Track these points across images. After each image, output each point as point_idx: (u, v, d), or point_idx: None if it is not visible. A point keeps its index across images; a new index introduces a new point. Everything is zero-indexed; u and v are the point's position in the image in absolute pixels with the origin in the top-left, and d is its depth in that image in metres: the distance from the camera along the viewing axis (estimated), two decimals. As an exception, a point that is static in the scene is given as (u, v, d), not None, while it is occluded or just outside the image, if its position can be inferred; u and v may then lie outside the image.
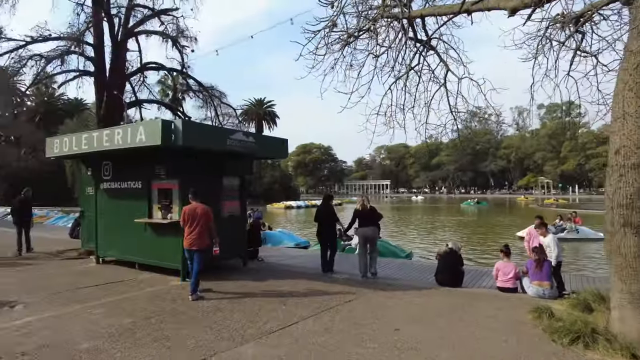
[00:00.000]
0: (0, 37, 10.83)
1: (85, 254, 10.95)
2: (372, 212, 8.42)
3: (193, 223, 6.66)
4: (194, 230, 6.65)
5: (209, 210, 6.79)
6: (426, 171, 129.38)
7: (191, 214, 6.71)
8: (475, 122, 12.15)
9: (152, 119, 8.24)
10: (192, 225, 6.66)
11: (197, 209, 6.73)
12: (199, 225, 6.64)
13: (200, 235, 6.64)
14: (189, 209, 6.77)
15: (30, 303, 6.41)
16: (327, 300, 6.43)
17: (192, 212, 6.72)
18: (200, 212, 6.70)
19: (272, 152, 9.03)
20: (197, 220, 6.65)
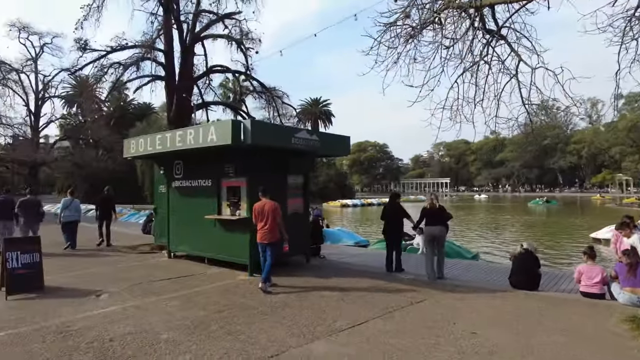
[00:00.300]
0: (86, 48, 11.81)
1: (157, 249, 11.62)
2: (441, 211, 8.14)
3: (263, 219, 7.06)
4: (265, 225, 7.03)
5: (276, 207, 7.10)
6: (489, 168, 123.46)
7: (260, 210, 7.12)
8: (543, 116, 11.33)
9: (222, 120, 8.54)
10: (263, 220, 7.06)
11: (266, 206, 7.09)
12: (268, 221, 7.01)
13: (270, 229, 7.01)
14: (258, 205, 7.18)
15: (113, 293, 6.89)
16: (395, 301, 6.30)
17: (261, 208, 7.12)
18: (268, 208, 7.05)
19: (334, 149, 9.06)
20: (266, 216, 7.03)
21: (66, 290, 7.13)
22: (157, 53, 12.35)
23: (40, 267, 7.02)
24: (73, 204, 12.34)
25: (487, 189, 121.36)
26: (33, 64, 32.99)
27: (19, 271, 6.79)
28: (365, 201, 58.95)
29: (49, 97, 34.77)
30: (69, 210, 12.08)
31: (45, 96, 34.35)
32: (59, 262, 9.65)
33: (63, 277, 8.15)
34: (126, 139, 10.69)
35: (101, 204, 12.88)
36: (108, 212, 12.79)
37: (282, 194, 8.76)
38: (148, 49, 11.85)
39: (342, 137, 9.15)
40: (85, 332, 4.99)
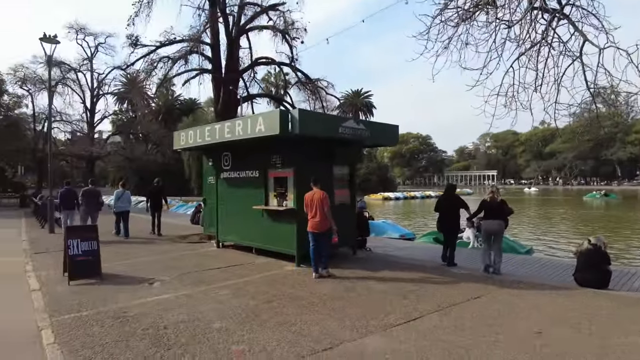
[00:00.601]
0: (137, 44, 12.18)
1: (206, 238, 11.87)
2: (501, 205, 7.74)
3: (313, 208, 7.18)
4: (315, 214, 7.15)
5: (325, 196, 7.18)
6: (538, 160, 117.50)
7: (310, 199, 7.24)
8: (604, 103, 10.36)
9: (271, 110, 8.50)
10: (312, 210, 7.18)
11: (315, 195, 7.20)
12: (317, 210, 7.13)
13: (320, 219, 7.11)
14: (308, 195, 7.31)
15: (165, 281, 7.04)
16: (450, 296, 6.01)
17: (311, 198, 7.24)
18: (317, 198, 7.16)
19: (382, 138, 8.79)
20: (315, 205, 7.15)
21: (122, 277, 7.37)
22: (204, 47, 12.52)
23: (98, 255, 7.30)
24: (124, 195, 12.94)
25: (536, 181, 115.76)
26: (89, 63, 34.85)
27: (79, 258, 7.09)
28: (408, 194, 57.86)
29: (102, 94, 36.62)
30: (121, 201, 12.74)
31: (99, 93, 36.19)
32: (114, 250, 10.06)
33: (118, 264, 8.46)
34: (176, 131, 10.92)
35: (152, 195, 13.55)
36: (159, 203, 13.40)
37: (328, 185, 8.62)
38: (195, 43, 12.03)
39: (390, 125, 8.87)
40: (140, 318, 5.10)
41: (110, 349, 4.19)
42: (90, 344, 4.32)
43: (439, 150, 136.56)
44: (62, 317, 5.21)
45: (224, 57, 12.52)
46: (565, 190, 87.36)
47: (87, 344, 4.32)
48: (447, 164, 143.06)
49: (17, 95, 36.25)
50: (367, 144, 9.00)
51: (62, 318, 5.15)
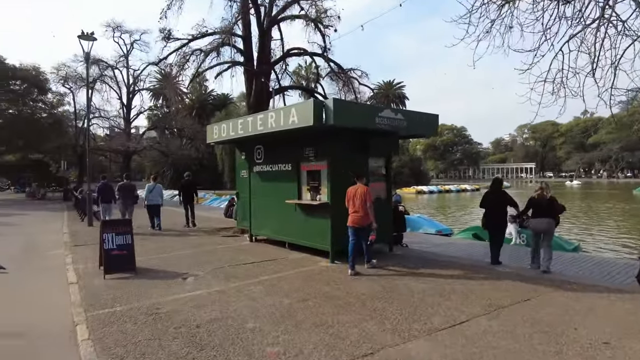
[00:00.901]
0: (170, 37, 12.18)
1: (239, 232, 11.82)
2: (551, 202, 7.24)
3: (355, 203, 7.03)
4: (356, 209, 7.01)
5: (368, 191, 7.03)
6: (580, 152, 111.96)
7: (353, 194, 7.10)
8: None
9: (304, 101, 8.23)
10: (354, 204, 7.04)
11: (359, 190, 7.06)
12: (359, 205, 6.97)
13: (363, 214, 6.96)
14: (351, 189, 7.16)
15: (198, 276, 6.94)
16: (497, 297, 5.58)
17: (354, 192, 7.11)
18: (360, 192, 7.02)
19: (421, 129, 8.34)
20: (356, 200, 7.01)
21: (155, 271, 7.34)
22: (236, 39, 12.38)
23: (132, 249, 7.28)
24: (156, 189, 13.19)
25: (578, 174, 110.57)
26: (125, 60, 35.76)
27: (114, 252, 7.10)
28: (442, 187, 56.52)
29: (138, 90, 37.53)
30: (152, 195, 12.98)
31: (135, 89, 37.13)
32: (149, 244, 10.14)
33: (153, 258, 8.47)
34: (209, 125, 10.85)
35: (183, 189, 13.96)
36: (190, 196, 13.79)
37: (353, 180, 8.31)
38: (227, 35, 11.90)
39: (428, 115, 8.41)
40: (173, 315, 4.98)
41: (143, 348, 4.07)
42: (123, 342, 4.21)
43: (474, 142, 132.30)
44: (96, 312, 5.16)
45: (256, 49, 12.33)
46: (610, 183, 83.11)
47: (120, 342, 4.22)
48: (482, 156, 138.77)
49: (59, 94, 37.71)
50: (404, 134, 8.57)
51: (97, 313, 5.10)
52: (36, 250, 10.19)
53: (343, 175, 7.83)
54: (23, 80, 32.59)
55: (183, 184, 14.12)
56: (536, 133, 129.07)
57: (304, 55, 12.46)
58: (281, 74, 14.34)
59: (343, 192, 7.76)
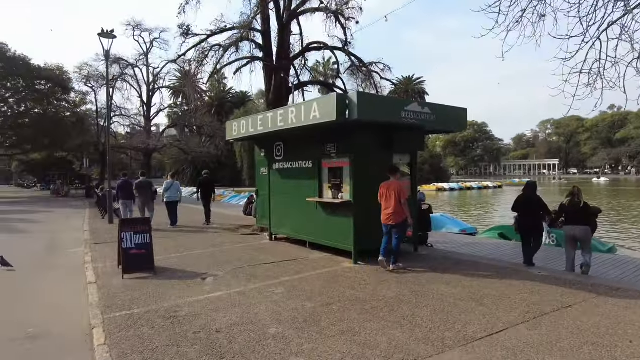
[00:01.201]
0: (189, 33, 12.03)
1: (258, 230, 11.63)
2: (585, 209, 6.92)
3: (388, 199, 6.84)
4: (389, 205, 6.82)
5: (402, 187, 6.88)
6: (607, 147, 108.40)
7: (386, 189, 6.91)
8: None
9: (326, 95, 7.94)
10: (387, 200, 6.85)
11: (392, 185, 6.87)
12: (392, 201, 6.78)
13: (395, 210, 6.77)
14: (384, 184, 6.96)
15: (218, 277, 6.74)
16: (535, 303, 5.19)
17: (386, 187, 6.92)
18: (393, 188, 6.83)
19: (448, 123, 7.93)
20: (390, 196, 6.82)
21: (174, 271, 7.17)
22: (255, 34, 12.16)
23: (151, 248, 7.13)
24: (174, 186, 13.31)
25: (604, 171, 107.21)
26: (145, 58, 36.09)
27: (133, 251, 6.95)
28: (463, 185, 55.44)
29: (158, 88, 37.85)
30: (170, 192, 13.12)
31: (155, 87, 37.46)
32: (167, 242, 10.02)
33: (172, 257, 8.32)
34: (228, 121, 10.67)
35: (201, 186, 14.01)
36: (208, 193, 13.87)
37: (387, 175, 7.97)
38: (246, 30, 11.68)
39: (457, 109, 7.99)
40: (192, 319, 4.76)
41: (160, 354, 3.85)
42: (139, 348, 4.01)
43: (496, 139, 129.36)
44: (114, 314, 4.99)
45: (275, 44, 12.08)
46: (639, 180, 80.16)
47: (137, 348, 4.01)
48: (503, 152, 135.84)
49: (82, 93, 38.39)
50: (431, 129, 8.18)
51: (114, 316, 4.93)
52: (57, 248, 10.21)
53: (366, 172, 7.53)
54: (48, 79, 33.26)
55: (201, 182, 14.23)
56: (560, 129, 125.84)
57: (324, 49, 12.14)
58: (300, 70, 14.07)
59: (366, 190, 7.47)
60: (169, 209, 13.10)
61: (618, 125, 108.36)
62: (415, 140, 8.18)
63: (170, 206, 13.11)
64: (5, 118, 33.64)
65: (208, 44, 12.04)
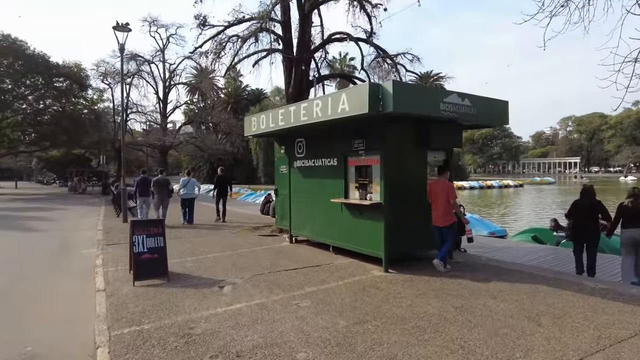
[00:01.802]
0: (205, 24, 11.47)
1: (277, 231, 11.05)
2: None
3: (436, 199, 6.64)
4: (437, 206, 6.61)
5: (449, 186, 6.62)
6: (632, 145, 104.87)
7: (433, 190, 6.72)
8: None
9: (357, 85, 7.28)
10: (435, 201, 6.65)
11: (438, 185, 6.66)
12: (440, 201, 6.56)
13: (444, 211, 6.56)
14: (431, 184, 6.77)
15: (237, 285, 6.15)
16: (605, 325, 4.44)
17: (433, 188, 6.72)
18: (440, 188, 6.62)
19: (489, 118, 7.17)
20: (438, 196, 6.60)
21: (189, 277, 6.62)
22: (275, 24, 11.53)
23: (164, 252, 6.58)
24: (190, 183, 13.49)
25: (629, 169, 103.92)
26: (161, 54, 35.86)
27: (145, 256, 6.41)
28: (484, 183, 54.09)
29: (174, 84, 37.59)
30: (186, 189, 13.32)
31: (171, 84, 37.22)
32: (182, 245, 9.51)
33: (187, 261, 7.79)
34: (246, 116, 10.08)
35: (218, 183, 14.15)
36: (224, 190, 14.04)
37: (420, 175, 7.29)
38: (265, 20, 11.06)
39: (498, 101, 7.23)
40: (208, 338, 4.17)
41: (171, 387, 3.26)
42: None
43: (514, 136, 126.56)
44: (121, 330, 4.43)
45: (295, 36, 11.44)
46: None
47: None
48: (522, 150, 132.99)
49: (99, 89, 38.44)
50: (470, 124, 7.44)
51: (122, 333, 4.37)
52: (69, 248, 9.78)
53: (399, 171, 6.86)
54: (66, 77, 33.30)
55: (219, 179, 14.24)
56: (582, 126, 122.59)
57: (347, 40, 11.43)
58: (321, 63, 13.38)
59: (399, 190, 6.82)
60: (184, 206, 13.14)
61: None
62: (452, 136, 7.43)
63: (187, 203, 13.15)
64: (25, 115, 33.85)
65: (225, 35, 11.48)
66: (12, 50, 29.79)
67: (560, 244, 10.48)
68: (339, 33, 11.63)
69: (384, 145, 6.69)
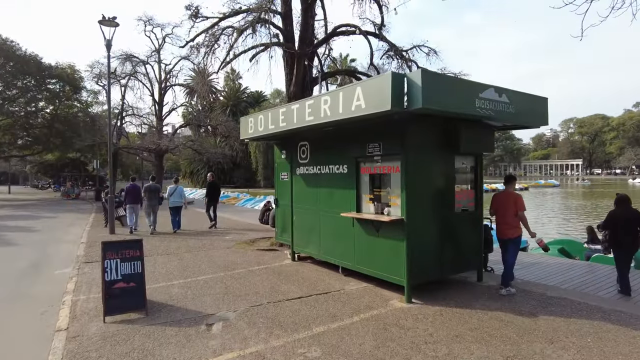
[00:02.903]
0: (198, 15, 10.38)
1: (277, 245, 9.98)
2: None
3: (504, 211, 6.17)
4: (505, 218, 6.17)
5: (517, 198, 6.10)
6: (634, 147, 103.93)
7: (500, 200, 6.28)
8: None
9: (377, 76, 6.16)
10: (503, 213, 6.19)
11: (507, 196, 6.22)
12: (508, 213, 6.11)
13: (512, 223, 6.10)
14: (498, 196, 6.37)
15: (229, 321, 5.04)
16: None
17: (501, 198, 6.27)
18: (508, 199, 6.17)
19: (530, 117, 6.02)
20: (506, 207, 6.15)
21: (172, 310, 5.50)
22: (274, 16, 10.44)
23: (142, 280, 5.44)
24: (177, 191, 13.42)
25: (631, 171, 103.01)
26: (157, 55, 34.65)
27: (118, 285, 5.28)
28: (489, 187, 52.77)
29: (170, 85, 36.38)
30: (173, 197, 13.27)
31: (167, 85, 36.03)
32: (170, 263, 8.38)
33: (172, 285, 6.66)
34: (243, 117, 8.97)
35: (209, 189, 14.17)
36: (215, 196, 14.09)
37: (447, 183, 6.18)
38: (264, 11, 9.97)
39: (538, 98, 6.12)
40: (186, 417, 3.05)
41: None
42: None
43: (515, 138, 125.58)
44: (71, 400, 3.31)
45: (297, 28, 10.36)
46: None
47: None
48: (523, 153, 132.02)
49: (94, 92, 37.26)
50: (507, 124, 6.31)
51: (70, 405, 3.25)
52: (42, 267, 8.60)
53: (424, 180, 5.79)
54: (59, 78, 32.21)
55: (210, 185, 14.32)
56: (583, 127, 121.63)
57: (354, 33, 10.33)
58: (324, 60, 12.29)
59: (423, 203, 5.73)
60: (172, 213, 13.17)
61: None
62: (484, 138, 6.30)
63: (174, 211, 13.18)
64: (16, 118, 32.70)
65: (219, 28, 10.38)
66: (3, 50, 28.71)
67: (591, 258, 9.40)
68: (346, 25, 10.52)
69: (406, 150, 5.57)
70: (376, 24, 10.77)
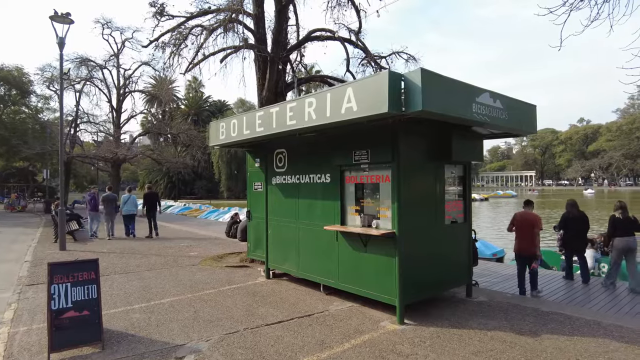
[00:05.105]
0: (163, 14, 9.61)
1: (248, 261, 9.28)
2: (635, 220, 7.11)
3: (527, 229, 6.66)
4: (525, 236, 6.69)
5: (538, 219, 6.66)
6: (580, 159, 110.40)
7: (523, 219, 6.75)
8: None
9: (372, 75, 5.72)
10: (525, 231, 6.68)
11: (530, 216, 6.72)
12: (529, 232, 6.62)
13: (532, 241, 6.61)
14: (522, 214, 6.83)
15: (202, 353, 4.35)
16: None
17: (525, 217, 6.76)
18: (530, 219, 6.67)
19: (521, 123, 5.73)
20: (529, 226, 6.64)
21: (134, 340, 4.73)
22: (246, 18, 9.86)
23: (98, 307, 4.64)
24: (130, 200, 14.27)
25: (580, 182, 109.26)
26: (115, 59, 32.93)
27: (69, 313, 4.47)
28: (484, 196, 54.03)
29: (129, 92, 34.62)
30: (127, 205, 14.16)
31: (126, 91, 34.27)
32: (130, 283, 7.51)
33: (133, 310, 5.84)
34: (213, 121, 8.29)
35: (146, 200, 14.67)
36: (153, 205, 14.44)
37: (436, 194, 5.80)
38: (235, 12, 9.38)
39: (527, 104, 5.88)
40: None
41: None
42: None
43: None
44: None
45: (270, 31, 9.82)
46: (616, 191, 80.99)
47: None
48: (480, 164, 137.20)
49: (45, 97, 34.95)
50: (497, 131, 6.00)
51: None
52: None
53: (415, 190, 5.39)
54: (4, 81, 29.95)
55: (146, 196, 14.84)
56: (535, 140, 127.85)
57: (330, 39, 9.90)
58: (296, 66, 11.80)
59: (415, 215, 5.31)
60: (126, 221, 14.19)
61: (590, 138, 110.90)
62: (474, 146, 6.00)
63: (128, 219, 14.19)
64: (-47, 123, 30.02)
65: (187, 27, 9.68)
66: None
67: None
68: (321, 30, 10.10)
69: (399, 157, 5.14)
70: (352, 30, 10.41)
